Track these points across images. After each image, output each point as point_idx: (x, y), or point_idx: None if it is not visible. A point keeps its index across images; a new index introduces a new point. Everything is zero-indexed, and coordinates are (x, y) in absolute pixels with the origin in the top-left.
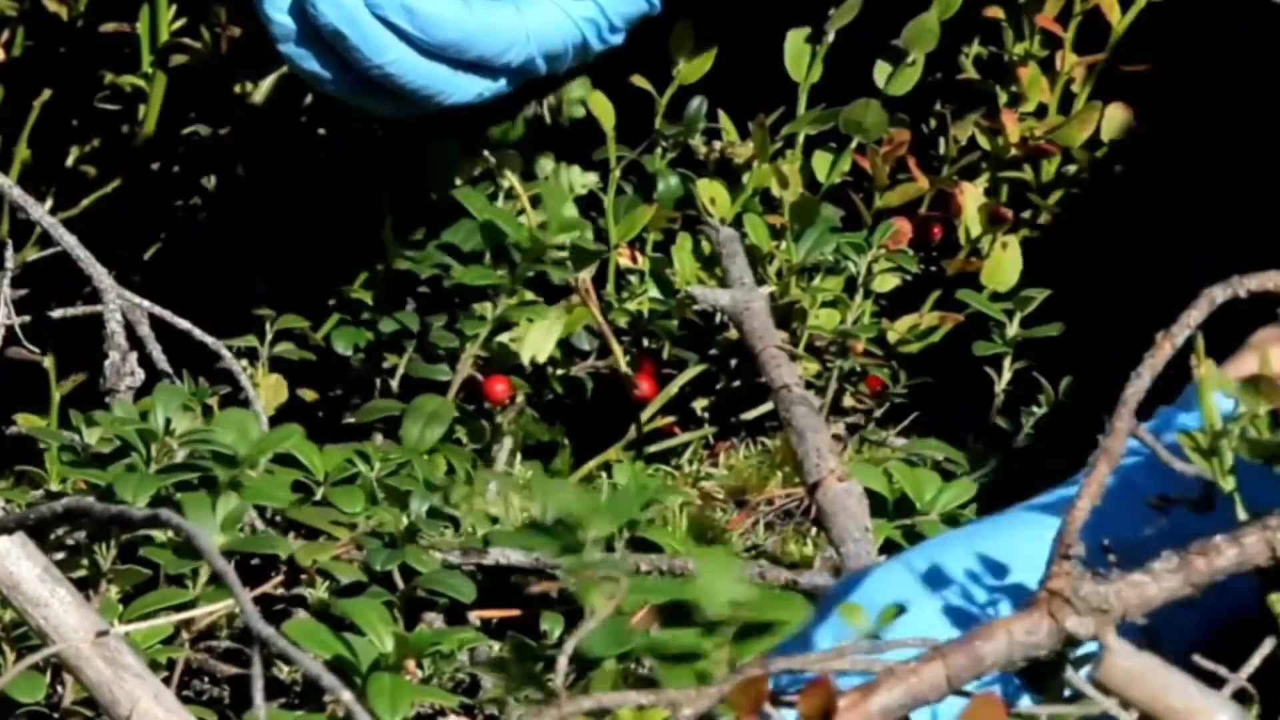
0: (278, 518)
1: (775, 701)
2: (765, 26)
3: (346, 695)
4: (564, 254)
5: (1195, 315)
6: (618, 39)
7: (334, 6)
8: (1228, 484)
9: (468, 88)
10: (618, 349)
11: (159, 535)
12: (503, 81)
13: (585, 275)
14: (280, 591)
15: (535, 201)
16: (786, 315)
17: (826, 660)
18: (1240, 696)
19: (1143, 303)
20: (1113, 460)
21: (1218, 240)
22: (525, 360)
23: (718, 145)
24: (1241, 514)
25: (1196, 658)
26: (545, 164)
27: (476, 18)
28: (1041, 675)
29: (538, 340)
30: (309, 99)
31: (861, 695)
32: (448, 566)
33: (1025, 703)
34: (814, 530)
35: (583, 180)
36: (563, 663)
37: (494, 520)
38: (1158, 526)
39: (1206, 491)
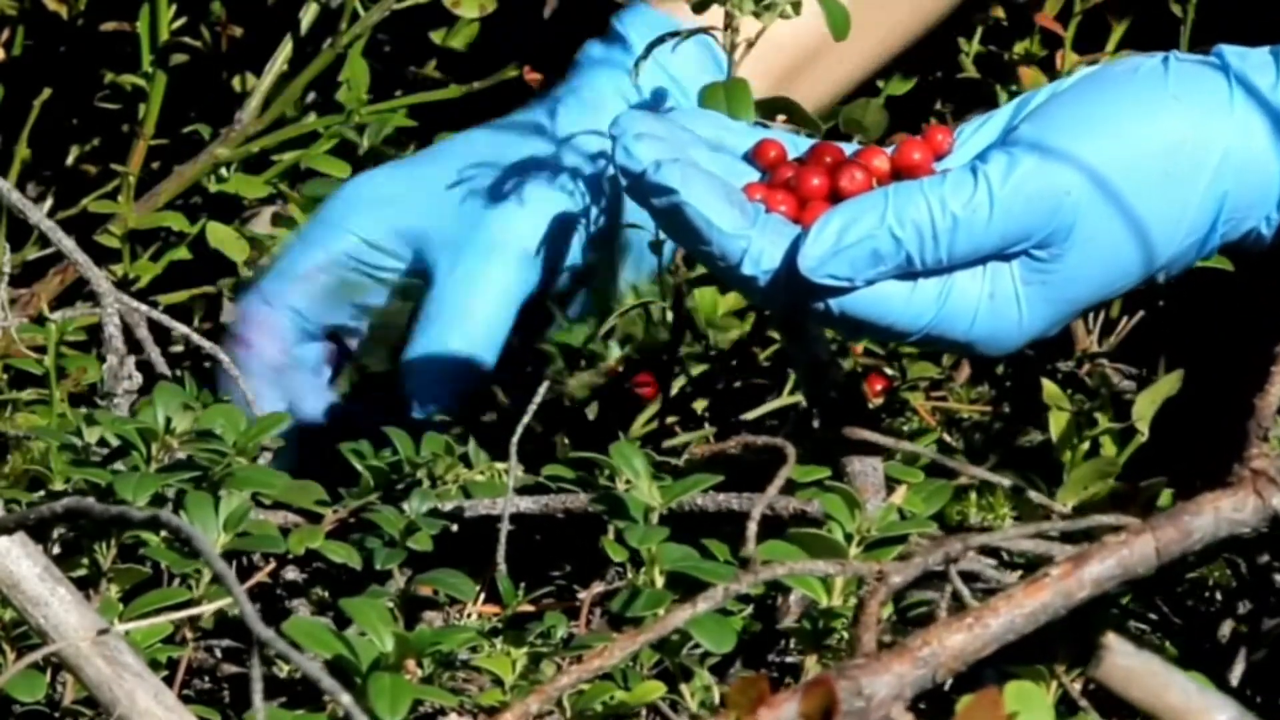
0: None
1: None
2: None
3: (346, 698)
4: None
5: None
6: None
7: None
8: None
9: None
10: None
11: (153, 537)
12: None
13: None
14: (271, 580)
15: None
16: None
17: None
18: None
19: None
20: None
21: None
22: None
23: None
24: None
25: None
26: None
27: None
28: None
29: None
30: None
31: (1074, 565)
32: (458, 518)
33: None
34: None
35: None
36: (752, 529)
37: None
38: None
39: None
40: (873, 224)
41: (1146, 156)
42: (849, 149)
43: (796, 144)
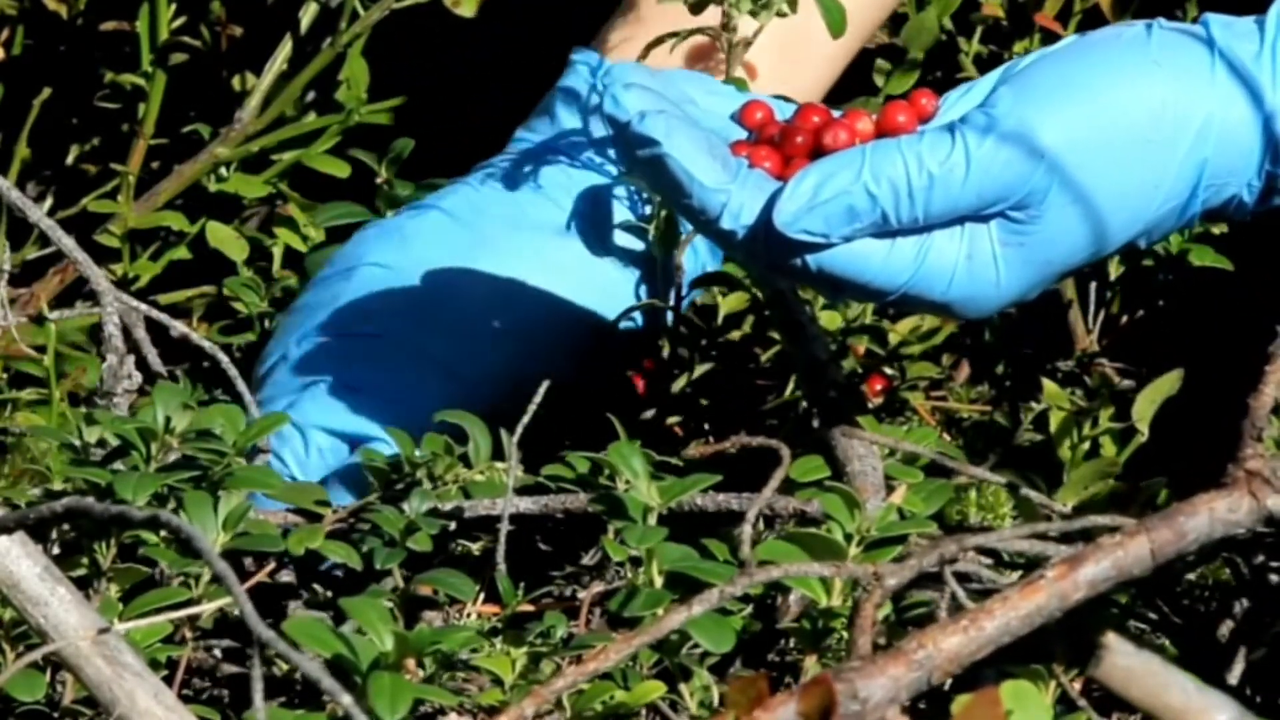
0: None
1: None
2: None
3: (346, 699)
4: None
5: None
6: None
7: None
8: None
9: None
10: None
11: (153, 537)
12: None
13: None
14: (273, 580)
15: None
16: None
17: None
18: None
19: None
20: None
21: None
22: None
23: None
24: None
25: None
26: None
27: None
28: None
29: None
30: None
31: (1070, 566)
32: (458, 518)
33: None
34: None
35: None
36: (748, 530)
37: None
38: None
39: None
40: (848, 180)
41: (1126, 121)
42: (835, 113)
43: (783, 108)
